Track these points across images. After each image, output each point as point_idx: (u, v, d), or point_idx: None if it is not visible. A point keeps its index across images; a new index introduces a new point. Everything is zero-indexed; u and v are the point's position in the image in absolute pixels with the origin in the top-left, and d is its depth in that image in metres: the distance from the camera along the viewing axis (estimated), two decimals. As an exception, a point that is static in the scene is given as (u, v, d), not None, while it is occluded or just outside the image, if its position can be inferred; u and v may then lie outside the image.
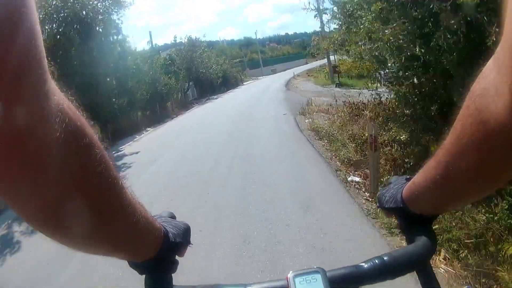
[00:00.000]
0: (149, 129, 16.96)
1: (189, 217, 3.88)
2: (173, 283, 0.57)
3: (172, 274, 0.58)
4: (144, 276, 0.56)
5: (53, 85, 0.31)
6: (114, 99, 15.09)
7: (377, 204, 0.69)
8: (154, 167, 7.13)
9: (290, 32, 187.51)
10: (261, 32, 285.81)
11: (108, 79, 15.26)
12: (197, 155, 7.55)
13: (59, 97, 0.32)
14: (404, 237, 0.63)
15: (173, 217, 0.63)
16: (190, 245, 0.61)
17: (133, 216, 0.45)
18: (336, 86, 22.07)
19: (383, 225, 3.30)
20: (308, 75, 37.15)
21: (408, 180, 0.61)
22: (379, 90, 7.79)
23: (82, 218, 0.36)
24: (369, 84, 6.84)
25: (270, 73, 55.81)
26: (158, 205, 4.46)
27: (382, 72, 22.00)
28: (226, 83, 35.43)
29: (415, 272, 0.57)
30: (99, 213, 0.39)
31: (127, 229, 0.46)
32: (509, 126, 0.34)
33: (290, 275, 0.52)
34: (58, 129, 0.30)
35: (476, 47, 3.24)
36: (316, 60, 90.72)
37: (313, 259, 2.83)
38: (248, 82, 41.40)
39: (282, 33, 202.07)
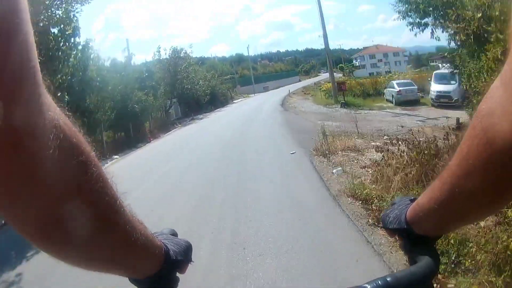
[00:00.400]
0: (116, 156, 13.46)
1: None
2: None
3: None
4: None
5: (48, 100, 0.30)
6: (62, 121, 11.42)
7: (381, 225, 0.61)
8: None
9: (282, 50, 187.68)
10: (252, 49, 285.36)
11: (59, 94, 11.75)
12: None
13: (55, 112, 0.31)
14: (407, 257, 0.62)
15: (174, 234, 0.62)
16: (191, 262, 0.60)
17: (132, 233, 0.44)
18: (341, 106, 18.93)
19: None
20: (305, 93, 34.15)
21: (412, 201, 0.61)
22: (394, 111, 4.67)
23: (80, 235, 0.36)
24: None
25: (262, 90, 52.86)
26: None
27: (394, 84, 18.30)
28: (215, 100, 32.02)
29: None
30: (97, 231, 0.39)
31: (127, 247, 0.45)
32: None
33: None
34: (51, 145, 0.30)
35: None
36: (310, 78, 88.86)
37: None
38: (238, 100, 38.11)
39: (274, 50, 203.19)
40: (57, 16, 10.98)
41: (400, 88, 19.41)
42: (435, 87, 17.28)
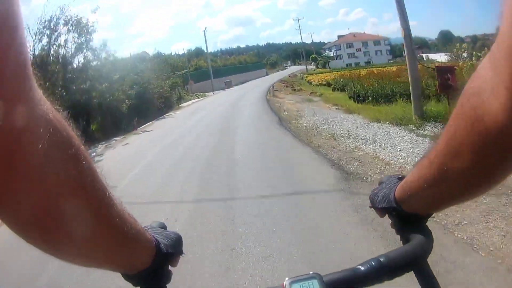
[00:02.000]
0: None
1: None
2: None
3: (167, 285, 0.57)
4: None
5: (39, 94, 0.31)
6: None
7: (370, 205, 0.66)
8: None
9: (242, 45, 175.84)
10: (212, 45, 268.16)
11: None
12: None
13: (45, 106, 0.32)
14: (399, 236, 0.62)
15: (163, 227, 0.61)
16: (182, 255, 0.59)
17: (123, 227, 0.44)
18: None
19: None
20: (293, 89, 21.77)
21: (400, 179, 0.60)
22: None
23: (70, 229, 0.35)
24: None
25: (224, 86, 39.98)
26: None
27: None
28: (147, 108, 18.64)
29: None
30: (87, 224, 0.38)
31: (118, 240, 0.44)
32: (505, 125, 0.33)
33: (286, 282, 0.51)
34: (42, 139, 0.30)
35: None
36: (278, 71, 76.60)
37: None
38: (189, 103, 24.67)
39: (234, 46, 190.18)
40: None
41: None
42: None
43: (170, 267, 0.57)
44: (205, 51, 41.48)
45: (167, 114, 19.09)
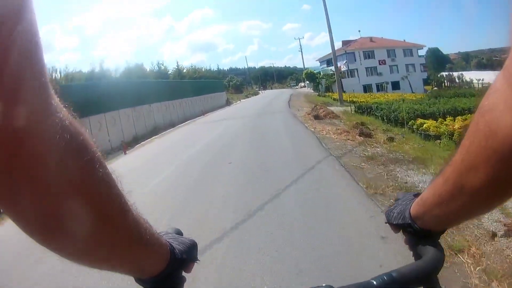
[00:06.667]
0: None
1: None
2: None
3: None
4: None
5: (56, 101, 0.31)
6: None
7: (385, 220, 0.67)
8: None
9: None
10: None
11: None
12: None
13: (62, 113, 0.31)
14: (412, 252, 0.61)
15: (179, 233, 0.61)
16: (197, 261, 0.59)
17: (137, 232, 0.44)
18: None
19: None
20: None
21: (416, 196, 0.61)
22: None
23: (85, 233, 0.36)
24: None
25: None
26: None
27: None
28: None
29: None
30: (103, 230, 0.38)
31: (132, 245, 0.44)
32: None
33: None
34: (59, 146, 0.30)
35: None
36: (247, 96, 26.50)
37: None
38: None
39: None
40: None
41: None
42: None
43: (184, 273, 0.56)
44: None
45: None
